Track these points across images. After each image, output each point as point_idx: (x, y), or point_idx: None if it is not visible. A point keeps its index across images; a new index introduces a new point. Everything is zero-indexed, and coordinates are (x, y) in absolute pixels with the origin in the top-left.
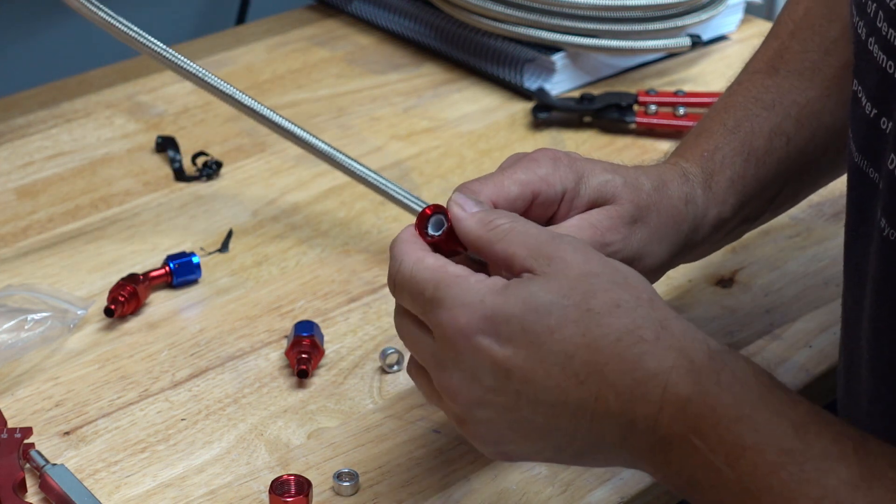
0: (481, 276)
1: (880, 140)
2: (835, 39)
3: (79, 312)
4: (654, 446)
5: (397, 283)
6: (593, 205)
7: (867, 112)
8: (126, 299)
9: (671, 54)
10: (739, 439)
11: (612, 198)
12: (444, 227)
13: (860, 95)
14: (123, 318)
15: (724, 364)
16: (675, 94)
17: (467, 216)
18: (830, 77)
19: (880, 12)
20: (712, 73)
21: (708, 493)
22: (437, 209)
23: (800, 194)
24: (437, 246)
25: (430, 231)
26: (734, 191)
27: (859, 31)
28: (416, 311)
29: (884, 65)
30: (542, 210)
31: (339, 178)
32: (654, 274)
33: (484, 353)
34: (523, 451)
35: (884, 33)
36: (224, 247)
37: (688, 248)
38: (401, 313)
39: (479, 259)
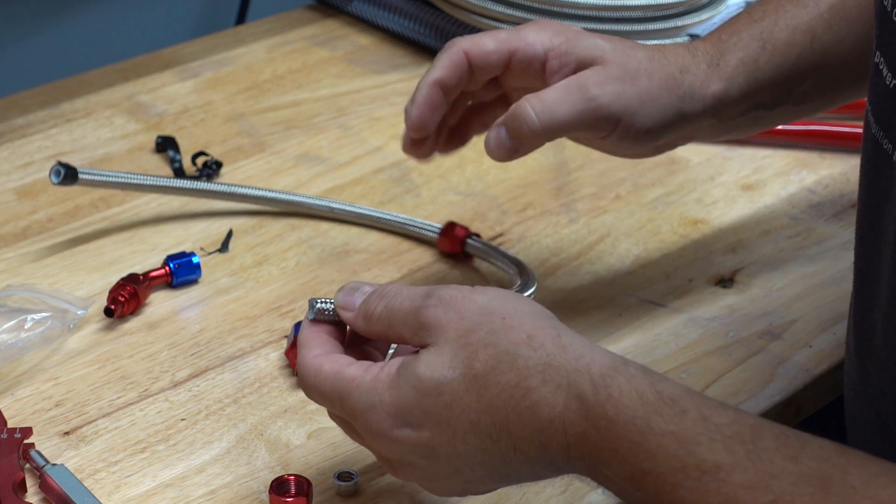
0: (374, 371)
1: None
2: None
3: (79, 312)
4: (580, 474)
5: (304, 391)
6: (582, 66)
7: (888, 83)
8: (126, 299)
9: None
10: (637, 466)
11: (600, 59)
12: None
13: (881, 67)
14: (123, 318)
15: (609, 394)
16: None
17: (354, 317)
18: None
19: None
20: None
21: None
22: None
23: (827, 94)
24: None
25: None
26: (744, 71)
27: (884, 2)
28: (335, 412)
29: None
30: (524, 69)
31: (339, 178)
32: (650, 135)
33: (405, 442)
34: (492, 486)
35: None
36: (224, 247)
37: (685, 117)
38: (333, 416)
39: None
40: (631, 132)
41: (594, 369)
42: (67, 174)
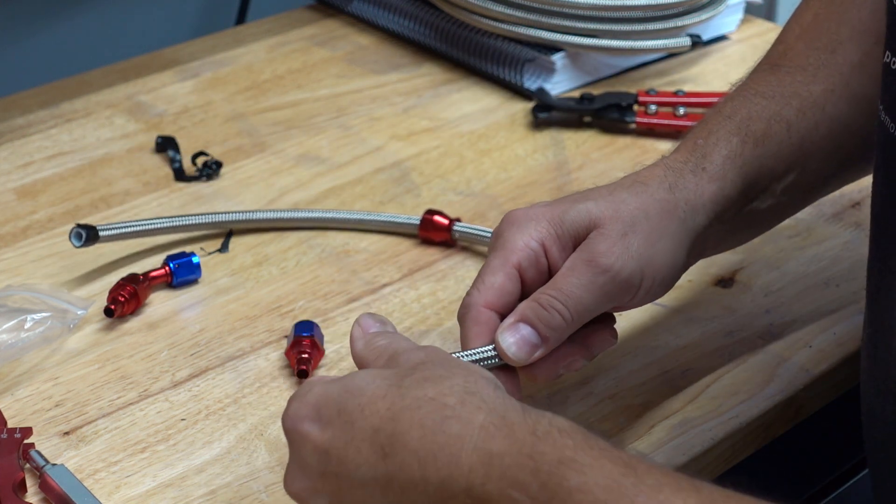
0: (330, 377)
1: None
2: (842, 41)
3: (79, 312)
4: None
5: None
6: (579, 239)
7: None
8: (126, 299)
9: (671, 54)
10: (563, 482)
11: (594, 223)
12: None
13: (895, 67)
14: (123, 318)
15: (541, 416)
16: (675, 94)
17: (359, 336)
18: (836, 74)
19: None
20: (712, 73)
21: None
22: None
23: (815, 185)
24: None
25: None
26: (733, 166)
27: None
28: None
29: None
30: (537, 271)
31: (339, 178)
32: (675, 271)
33: (307, 439)
34: None
35: None
36: (224, 247)
37: (697, 234)
38: None
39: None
40: (657, 280)
41: (528, 407)
42: (89, 236)
